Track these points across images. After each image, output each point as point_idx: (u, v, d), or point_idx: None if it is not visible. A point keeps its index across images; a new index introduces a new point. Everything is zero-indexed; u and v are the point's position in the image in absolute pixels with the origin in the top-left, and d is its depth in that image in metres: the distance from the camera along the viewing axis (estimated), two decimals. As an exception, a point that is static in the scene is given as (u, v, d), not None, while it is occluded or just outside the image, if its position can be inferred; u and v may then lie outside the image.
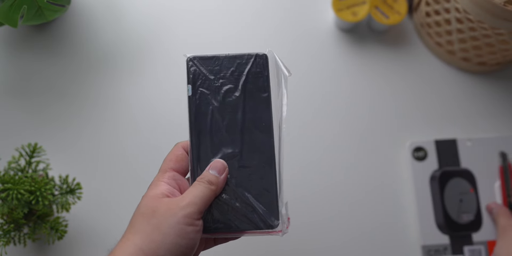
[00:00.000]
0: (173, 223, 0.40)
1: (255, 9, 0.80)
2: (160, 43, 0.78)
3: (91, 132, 0.74)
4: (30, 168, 0.65)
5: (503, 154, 0.73)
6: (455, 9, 0.68)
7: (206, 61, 0.48)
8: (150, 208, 0.42)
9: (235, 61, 0.48)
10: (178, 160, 0.47)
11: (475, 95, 0.77)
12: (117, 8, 0.80)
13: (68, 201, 0.63)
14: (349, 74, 0.77)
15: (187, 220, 0.41)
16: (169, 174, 0.45)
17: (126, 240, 0.41)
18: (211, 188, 0.44)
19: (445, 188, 0.72)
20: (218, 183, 0.45)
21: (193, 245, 0.41)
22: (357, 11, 0.74)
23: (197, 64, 0.48)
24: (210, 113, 0.47)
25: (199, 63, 0.48)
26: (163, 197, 0.43)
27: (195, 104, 0.47)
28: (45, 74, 0.77)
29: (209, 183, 0.44)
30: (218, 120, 0.47)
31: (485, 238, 0.71)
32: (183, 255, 0.41)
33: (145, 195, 0.44)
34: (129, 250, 0.40)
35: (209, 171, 0.45)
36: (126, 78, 0.77)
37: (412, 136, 0.75)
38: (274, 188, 0.46)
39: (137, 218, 0.42)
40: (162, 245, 0.40)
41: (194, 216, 0.42)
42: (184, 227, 0.41)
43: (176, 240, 0.40)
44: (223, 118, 0.47)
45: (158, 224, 0.41)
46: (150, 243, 0.40)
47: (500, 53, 0.73)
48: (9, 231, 0.61)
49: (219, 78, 0.48)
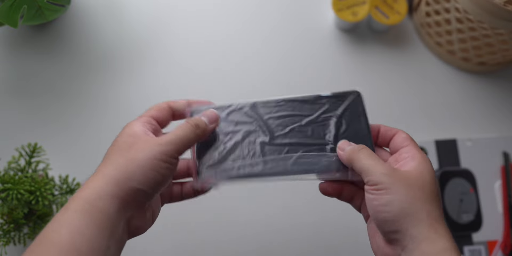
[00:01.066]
0: (148, 157, 0.41)
1: (255, 9, 0.80)
2: (160, 43, 0.78)
3: (91, 132, 0.74)
4: (30, 168, 0.65)
5: (506, 154, 0.73)
6: (455, 9, 0.68)
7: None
8: (127, 143, 0.42)
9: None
10: (159, 109, 0.47)
11: (475, 95, 0.77)
12: (117, 8, 0.80)
13: (68, 201, 0.63)
14: (349, 74, 0.77)
15: (164, 156, 0.41)
16: (146, 119, 0.46)
17: (99, 172, 0.41)
18: (196, 132, 0.44)
19: (445, 188, 0.72)
20: (204, 130, 0.45)
21: (164, 181, 0.42)
22: (357, 11, 0.74)
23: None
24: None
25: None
26: (141, 135, 0.43)
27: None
28: (45, 74, 0.77)
29: (195, 127, 0.44)
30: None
31: (485, 238, 0.71)
32: (152, 189, 0.41)
33: (121, 133, 0.44)
34: (103, 180, 0.40)
35: (201, 117, 0.46)
36: (126, 78, 0.77)
37: (412, 136, 0.74)
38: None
39: (112, 153, 0.42)
40: (134, 176, 0.40)
41: (171, 154, 0.42)
42: (159, 163, 0.41)
43: (149, 173, 0.40)
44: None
45: (133, 157, 0.41)
46: (124, 173, 0.40)
47: (500, 53, 0.73)
48: (9, 231, 0.61)
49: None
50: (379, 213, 0.41)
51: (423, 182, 0.42)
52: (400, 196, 0.40)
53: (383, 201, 0.40)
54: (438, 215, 0.41)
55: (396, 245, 0.41)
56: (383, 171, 0.41)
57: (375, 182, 0.41)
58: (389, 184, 0.41)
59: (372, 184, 0.41)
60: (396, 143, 0.46)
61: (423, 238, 0.39)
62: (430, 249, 0.39)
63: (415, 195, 0.40)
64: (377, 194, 0.41)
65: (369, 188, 0.42)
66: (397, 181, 0.41)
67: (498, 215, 0.72)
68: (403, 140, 0.46)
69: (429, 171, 0.43)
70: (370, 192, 0.41)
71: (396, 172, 0.42)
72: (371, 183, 0.41)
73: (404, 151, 0.45)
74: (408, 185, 0.41)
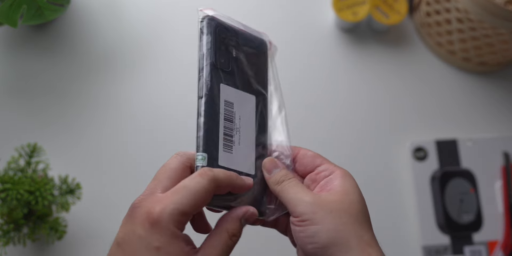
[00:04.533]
0: None
1: (256, 8, 0.80)
2: (161, 41, 0.78)
3: (92, 132, 0.74)
4: (29, 168, 0.65)
5: (506, 154, 0.73)
6: (455, 9, 0.68)
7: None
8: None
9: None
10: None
11: (475, 95, 0.77)
12: (117, 7, 0.80)
13: (67, 201, 0.63)
14: (349, 74, 0.77)
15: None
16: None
17: None
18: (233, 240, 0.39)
19: (445, 188, 0.72)
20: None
21: None
22: (358, 11, 0.74)
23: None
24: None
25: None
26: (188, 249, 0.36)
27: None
28: (45, 74, 0.77)
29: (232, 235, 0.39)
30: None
31: (485, 238, 0.71)
32: None
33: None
34: None
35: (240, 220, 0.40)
36: (127, 77, 0.77)
37: (412, 136, 0.75)
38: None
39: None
40: None
41: None
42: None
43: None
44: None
45: None
46: None
47: (500, 53, 0.73)
48: (9, 231, 0.61)
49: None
50: (307, 245, 0.38)
51: (349, 203, 0.39)
52: (326, 225, 0.37)
53: (309, 233, 0.37)
54: (370, 237, 0.38)
55: None
56: (307, 199, 0.38)
57: (299, 213, 0.38)
58: (312, 213, 0.38)
59: (296, 216, 0.38)
60: (306, 162, 0.42)
61: None
62: None
63: (342, 221, 0.37)
64: (303, 225, 0.38)
65: (294, 220, 0.38)
66: (320, 210, 0.38)
67: (498, 215, 0.72)
68: (313, 158, 0.42)
69: (354, 189, 0.40)
70: (296, 223, 0.38)
71: (320, 199, 0.39)
72: (295, 215, 0.38)
73: (321, 169, 0.41)
74: (332, 212, 0.38)
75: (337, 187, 0.39)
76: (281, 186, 0.40)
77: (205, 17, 0.44)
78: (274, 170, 0.42)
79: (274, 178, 0.41)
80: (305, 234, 0.38)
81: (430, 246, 0.70)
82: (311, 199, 0.38)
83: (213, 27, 0.44)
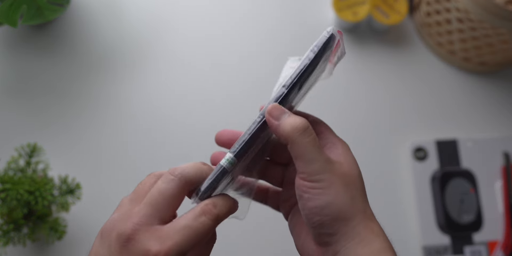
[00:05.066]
0: None
1: (255, 7, 0.80)
2: (161, 41, 0.78)
3: (92, 132, 0.74)
4: (29, 168, 0.65)
5: (506, 154, 0.73)
6: (455, 8, 0.68)
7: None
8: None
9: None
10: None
11: (475, 95, 0.77)
12: (116, 7, 0.80)
13: (67, 201, 0.63)
14: (349, 74, 0.77)
15: None
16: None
17: None
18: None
19: (445, 188, 0.72)
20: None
21: None
22: (358, 11, 0.74)
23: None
24: None
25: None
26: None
27: None
28: (45, 74, 0.77)
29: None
30: None
31: (485, 238, 0.71)
32: None
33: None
34: None
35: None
36: (127, 77, 0.77)
37: (413, 136, 0.75)
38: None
39: None
40: None
41: None
42: None
43: None
44: None
45: None
46: None
47: (500, 53, 0.73)
48: (9, 231, 0.61)
49: None
50: (314, 217, 0.35)
51: (355, 176, 0.36)
52: (339, 198, 0.34)
53: (320, 203, 0.34)
54: (370, 211, 0.36)
55: (328, 248, 0.36)
56: (324, 158, 0.35)
57: (312, 171, 0.34)
58: (329, 182, 0.34)
59: (308, 174, 0.34)
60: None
61: (359, 241, 0.35)
62: (366, 250, 0.34)
63: (352, 195, 0.35)
64: (313, 193, 0.34)
65: (304, 182, 0.35)
66: (336, 179, 0.35)
67: (498, 215, 0.72)
68: (315, 124, 0.39)
69: (355, 161, 0.37)
70: (305, 189, 0.35)
71: (334, 166, 0.35)
72: (308, 172, 0.34)
73: (322, 137, 0.38)
74: (346, 184, 0.35)
75: (342, 156, 0.37)
76: (304, 136, 0.35)
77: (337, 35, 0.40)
78: (283, 116, 0.36)
79: (287, 125, 0.36)
80: (314, 204, 0.34)
81: (430, 246, 0.70)
82: (327, 161, 0.35)
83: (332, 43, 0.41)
